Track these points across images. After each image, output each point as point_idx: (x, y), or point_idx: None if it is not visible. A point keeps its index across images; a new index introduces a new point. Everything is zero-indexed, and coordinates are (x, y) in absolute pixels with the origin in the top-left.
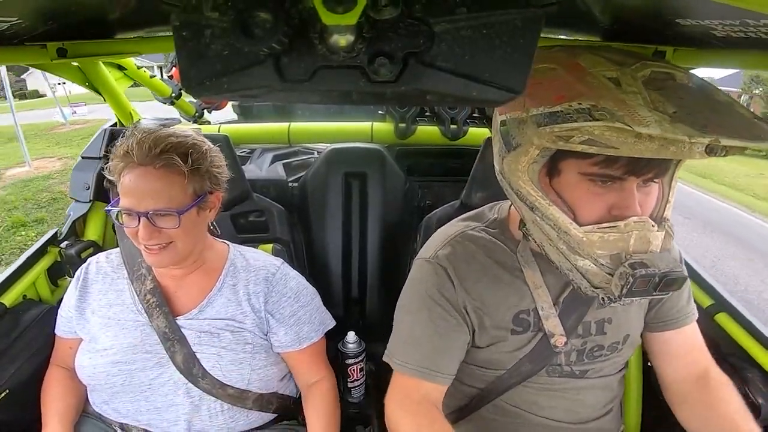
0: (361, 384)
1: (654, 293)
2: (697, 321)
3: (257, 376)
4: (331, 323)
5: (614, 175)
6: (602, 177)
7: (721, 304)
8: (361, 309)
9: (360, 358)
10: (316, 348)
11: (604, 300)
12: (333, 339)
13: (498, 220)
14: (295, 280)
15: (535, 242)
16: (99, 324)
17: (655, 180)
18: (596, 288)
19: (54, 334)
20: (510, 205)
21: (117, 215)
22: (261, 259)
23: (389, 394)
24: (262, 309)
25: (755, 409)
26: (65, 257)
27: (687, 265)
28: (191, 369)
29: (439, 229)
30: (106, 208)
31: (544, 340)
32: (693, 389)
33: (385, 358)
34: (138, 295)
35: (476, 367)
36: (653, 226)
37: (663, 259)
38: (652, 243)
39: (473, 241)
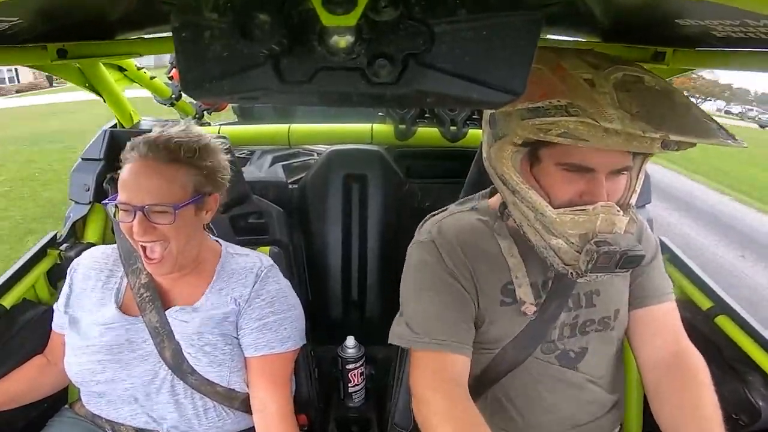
0: (361, 388)
1: (616, 270)
2: (698, 323)
3: (237, 378)
4: (300, 342)
5: (586, 166)
6: (576, 167)
7: (722, 307)
8: (360, 311)
9: (359, 363)
10: (274, 361)
11: (572, 275)
12: (331, 343)
13: (482, 204)
14: (276, 285)
15: (515, 222)
16: (86, 320)
17: (623, 172)
18: (567, 265)
19: (49, 335)
20: (491, 191)
21: (114, 211)
22: (251, 260)
23: (414, 376)
24: (239, 309)
25: (756, 412)
26: (64, 260)
27: (686, 265)
28: (181, 365)
29: (426, 217)
30: (103, 201)
31: (538, 317)
32: (664, 375)
33: (398, 342)
34: (132, 289)
35: (474, 350)
36: (618, 210)
37: (624, 239)
38: (616, 225)
39: (460, 221)
